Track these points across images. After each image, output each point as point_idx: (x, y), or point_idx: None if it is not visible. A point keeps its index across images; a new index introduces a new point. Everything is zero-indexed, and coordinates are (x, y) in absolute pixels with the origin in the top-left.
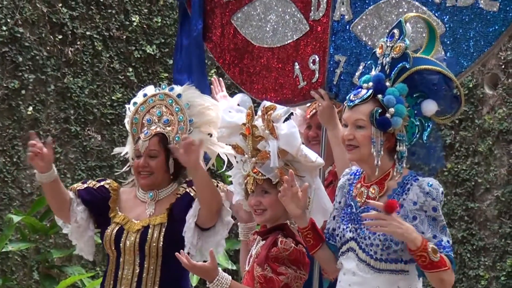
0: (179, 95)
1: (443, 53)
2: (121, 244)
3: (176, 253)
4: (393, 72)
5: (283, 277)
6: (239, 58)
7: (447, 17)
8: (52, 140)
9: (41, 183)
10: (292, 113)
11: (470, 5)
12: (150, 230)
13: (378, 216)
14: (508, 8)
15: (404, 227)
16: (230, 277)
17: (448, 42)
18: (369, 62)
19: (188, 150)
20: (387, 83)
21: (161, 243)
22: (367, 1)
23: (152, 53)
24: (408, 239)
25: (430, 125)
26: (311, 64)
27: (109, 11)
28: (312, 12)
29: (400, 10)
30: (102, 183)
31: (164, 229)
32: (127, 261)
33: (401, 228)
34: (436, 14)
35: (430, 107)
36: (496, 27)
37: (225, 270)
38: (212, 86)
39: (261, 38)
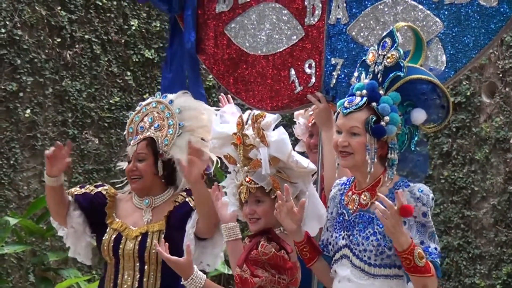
0: (170, 101)
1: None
2: (119, 251)
3: (155, 242)
4: (386, 81)
5: (258, 279)
6: (234, 67)
7: (446, 14)
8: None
9: (46, 184)
10: (283, 120)
11: (469, 1)
12: (149, 237)
13: (391, 206)
14: (507, 3)
15: (399, 229)
16: (204, 276)
17: (447, 40)
18: (359, 69)
19: (192, 161)
20: (380, 91)
21: None
22: (363, 3)
23: (151, 57)
24: (395, 239)
25: (418, 134)
26: (307, 69)
27: (108, 15)
28: (307, 18)
29: (397, 10)
30: (99, 189)
31: (163, 236)
32: (126, 267)
33: (394, 228)
34: (434, 13)
35: (419, 116)
36: (496, 22)
37: (221, 274)
38: (220, 104)
39: (255, 47)
